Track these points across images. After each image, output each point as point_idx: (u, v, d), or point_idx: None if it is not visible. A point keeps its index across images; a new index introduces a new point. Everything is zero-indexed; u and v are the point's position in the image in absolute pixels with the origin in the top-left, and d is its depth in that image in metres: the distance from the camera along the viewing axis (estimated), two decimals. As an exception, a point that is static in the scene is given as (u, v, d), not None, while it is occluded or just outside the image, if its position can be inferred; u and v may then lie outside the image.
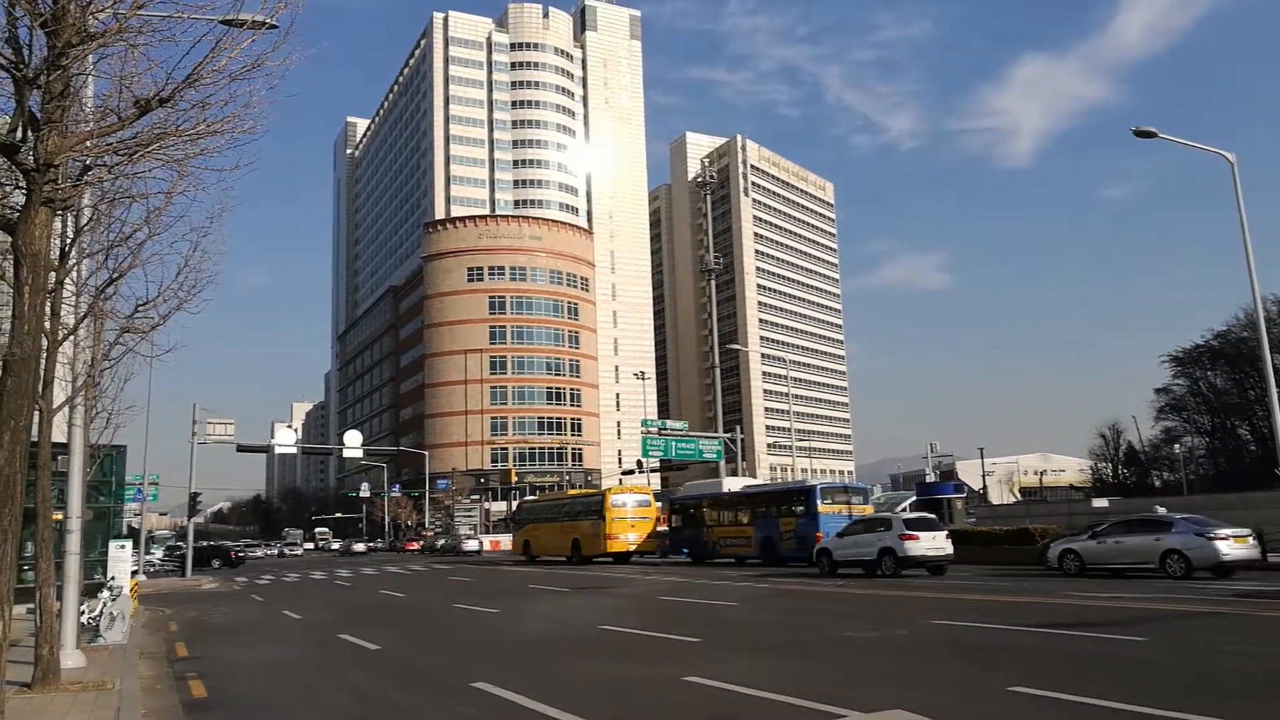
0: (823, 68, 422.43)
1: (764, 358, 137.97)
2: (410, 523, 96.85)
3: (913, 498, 51.08)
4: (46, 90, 6.80)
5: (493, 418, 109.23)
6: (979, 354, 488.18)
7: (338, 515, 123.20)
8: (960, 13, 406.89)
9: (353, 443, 64.96)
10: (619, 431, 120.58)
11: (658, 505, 43.25)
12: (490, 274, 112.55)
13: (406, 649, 13.78)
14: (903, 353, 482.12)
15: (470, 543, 65.37)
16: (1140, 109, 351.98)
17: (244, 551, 73.70)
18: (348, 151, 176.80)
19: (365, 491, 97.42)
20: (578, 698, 8.82)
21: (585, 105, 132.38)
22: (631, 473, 75.22)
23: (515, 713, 8.40)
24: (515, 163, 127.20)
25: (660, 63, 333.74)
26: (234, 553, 58.18)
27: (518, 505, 59.03)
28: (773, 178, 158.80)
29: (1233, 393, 71.64)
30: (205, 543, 62.44)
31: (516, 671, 10.80)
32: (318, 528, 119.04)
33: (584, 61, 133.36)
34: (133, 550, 22.16)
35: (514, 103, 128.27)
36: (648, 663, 11.15)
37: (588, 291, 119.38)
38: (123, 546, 19.30)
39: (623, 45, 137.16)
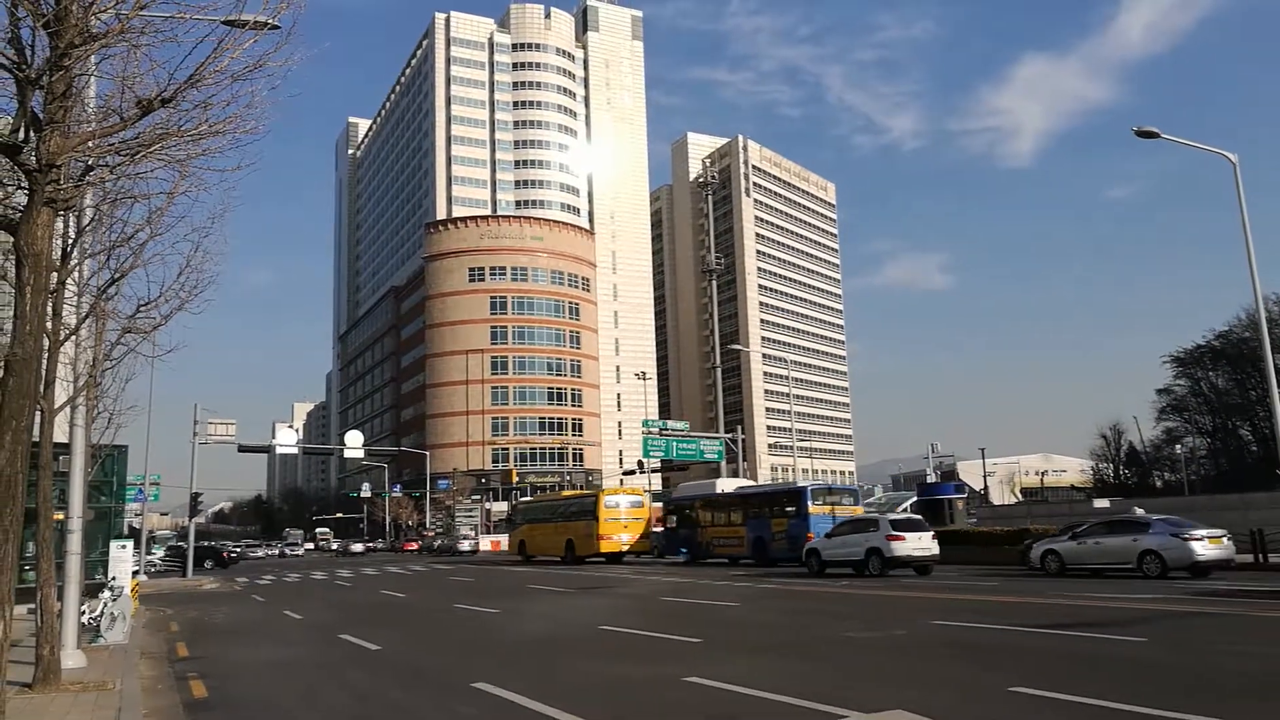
0: (824, 68, 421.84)
1: (765, 358, 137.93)
2: (411, 523, 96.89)
3: (914, 498, 51.09)
4: (49, 90, 6.81)
5: (494, 418, 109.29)
6: (980, 354, 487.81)
7: (339, 515, 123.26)
8: (961, 13, 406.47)
9: (354, 443, 65.08)
10: (620, 432, 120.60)
11: (657, 506, 43.36)
12: (491, 274, 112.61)
13: (407, 649, 13.80)
14: (904, 352, 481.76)
15: (465, 543, 66.02)
16: (1142, 109, 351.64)
17: (237, 552, 74.28)
18: (349, 152, 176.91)
19: (366, 492, 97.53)
20: (578, 698, 8.83)
21: (587, 105, 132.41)
22: (632, 473, 75.20)
23: (516, 713, 8.41)
24: (517, 163, 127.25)
25: (662, 63, 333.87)
26: (227, 553, 58.95)
27: (513, 506, 59.21)
28: (774, 178, 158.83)
29: (1234, 393, 71.62)
30: (201, 543, 62.78)
31: (517, 672, 10.81)
32: (319, 528, 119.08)
33: (585, 62, 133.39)
34: (134, 550, 22.17)
35: (515, 103, 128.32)
36: (648, 663, 11.16)
37: (589, 292, 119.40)
38: (124, 547, 19.29)
39: (624, 45, 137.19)
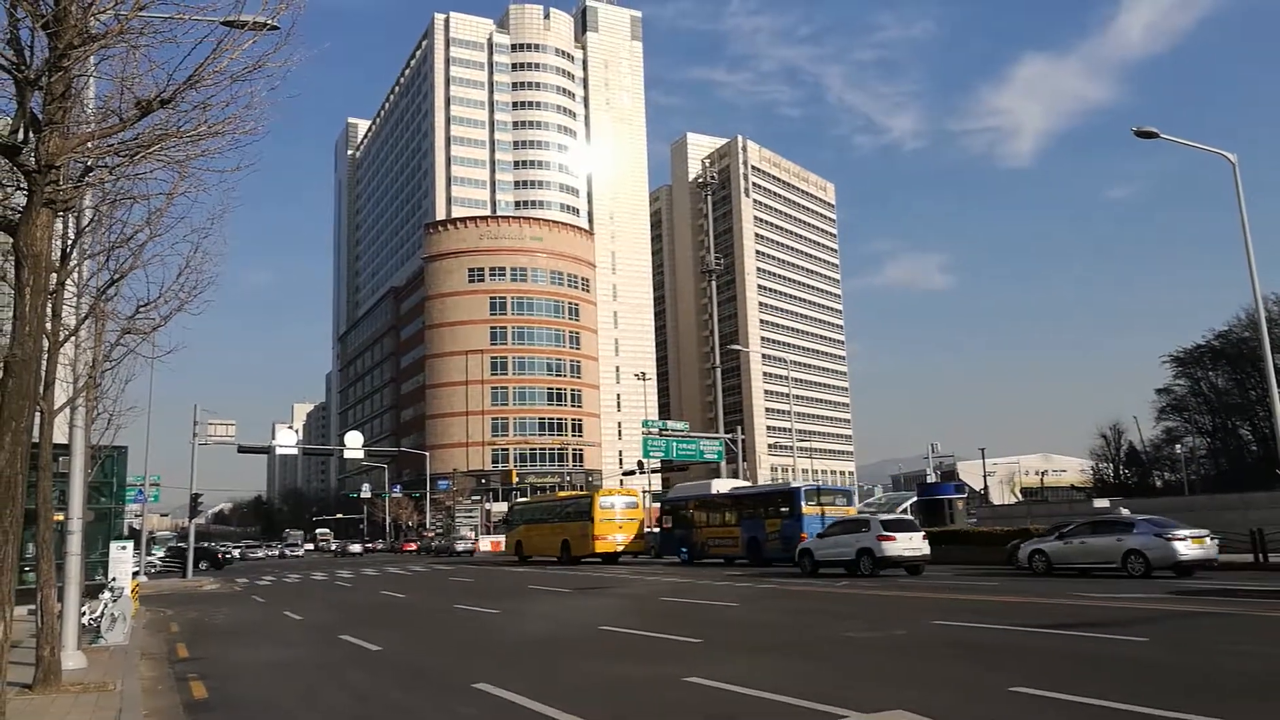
0: (824, 68, 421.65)
1: (765, 358, 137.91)
2: (411, 523, 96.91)
3: (914, 498, 51.05)
4: (48, 91, 6.81)
5: (494, 418, 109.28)
6: (980, 354, 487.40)
7: (339, 516, 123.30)
8: (961, 13, 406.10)
9: (354, 444, 65.03)
10: (620, 432, 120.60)
11: (657, 507, 43.51)
12: (491, 275, 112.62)
13: (408, 650, 13.79)
14: (904, 352, 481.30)
15: (462, 544, 66.61)
16: (1142, 109, 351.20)
17: (235, 553, 74.42)
18: (349, 152, 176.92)
19: (366, 492, 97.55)
20: (579, 698, 8.83)
21: (586, 106, 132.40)
22: (632, 473, 75.21)
23: (516, 713, 8.40)
24: (516, 163, 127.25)
25: (661, 63, 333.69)
26: (220, 554, 59.48)
27: (509, 507, 59.43)
28: (774, 178, 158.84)
29: (1234, 393, 71.65)
30: (197, 544, 63.07)
31: (518, 672, 10.80)
32: (319, 529, 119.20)
33: (585, 62, 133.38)
34: (134, 551, 22.16)
35: (515, 104, 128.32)
36: (649, 663, 11.15)
37: (588, 292, 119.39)
38: (124, 548, 19.28)
39: (624, 46, 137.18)
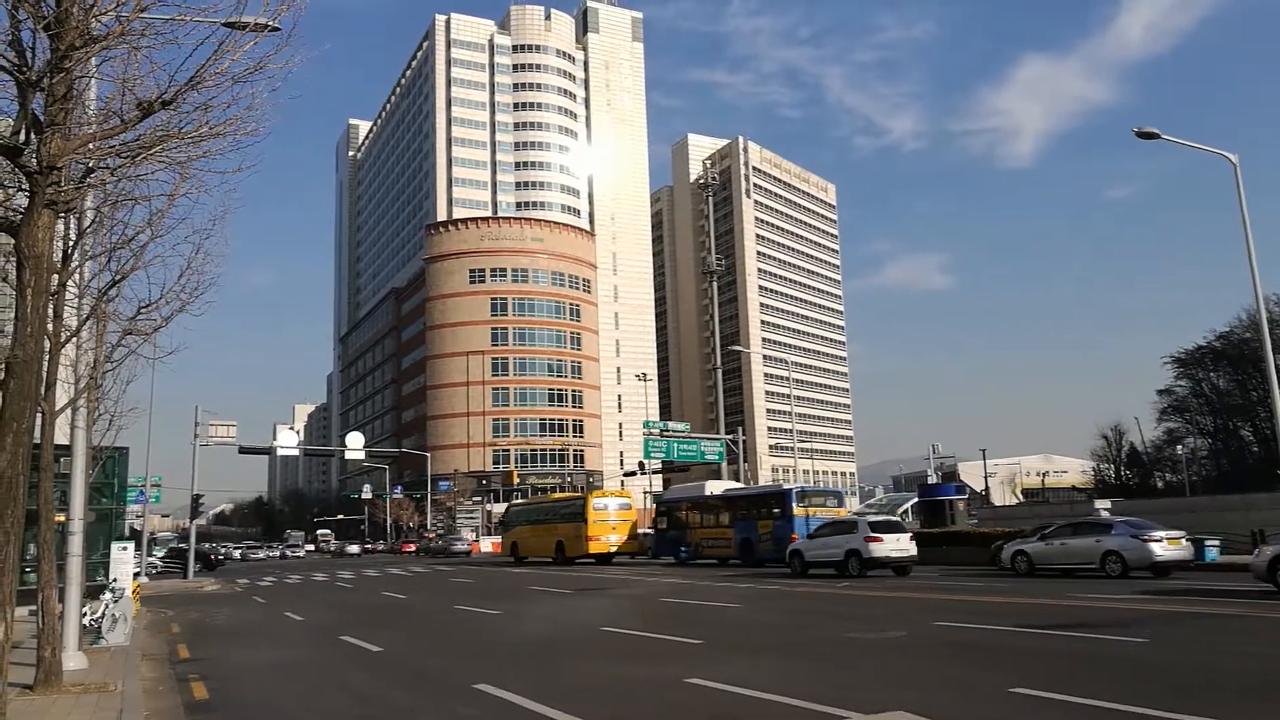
0: (824, 69, 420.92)
1: (766, 359, 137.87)
2: (412, 524, 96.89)
3: (914, 499, 51.12)
4: (49, 93, 6.82)
5: (494, 419, 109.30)
6: (980, 354, 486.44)
7: (340, 517, 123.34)
8: (961, 13, 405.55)
9: (355, 444, 65.15)
10: (621, 433, 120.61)
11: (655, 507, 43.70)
12: (492, 275, 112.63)
13: (408, 650, 13.79)
14: (904, 353, 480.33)
15: (459, 544, 67.08)
16: (1142, 109, 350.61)
17: (236, 555, 74.58)
18: (350, 153, 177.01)
19: (367, 493, 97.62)
20: (579, 699, 8.84)
21: (587, 107, 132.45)
22: (633, 474, 75.27)
23: (517, 714, 8.41)
24: (517, 164, 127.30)
25: (662, 64, 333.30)
26: (213, 556, 59.95)
27: (505, 508, 59.69)
28: (774, 179, 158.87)
29: (1235, 394, 71.50)
30: (200, 545, 63.46)
31: (518, 673, 10.81)
32: (320, 529, 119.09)
33: (586, 63, 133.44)
34: (134, 552, 22.18)
35: (516, 105, 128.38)
36: (649, 664, 11.16)
37: (589, 293, 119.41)
38: (125, 548, 19.28)
39: (624, 47, 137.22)
